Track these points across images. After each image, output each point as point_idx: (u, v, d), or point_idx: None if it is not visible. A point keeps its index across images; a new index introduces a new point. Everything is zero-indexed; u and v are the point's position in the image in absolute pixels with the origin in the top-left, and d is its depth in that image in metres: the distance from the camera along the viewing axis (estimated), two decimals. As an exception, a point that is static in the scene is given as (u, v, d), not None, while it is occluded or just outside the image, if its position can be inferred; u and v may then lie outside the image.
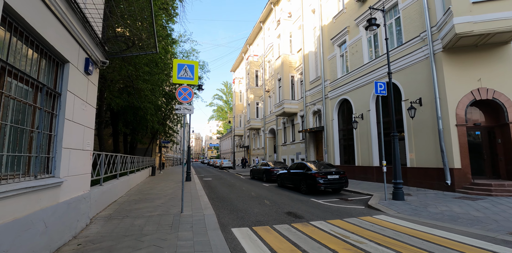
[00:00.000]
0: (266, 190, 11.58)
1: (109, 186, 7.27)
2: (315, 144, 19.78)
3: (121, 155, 9.40)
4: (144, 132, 20.14)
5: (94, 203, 5.84)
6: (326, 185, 9.81)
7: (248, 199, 9.15)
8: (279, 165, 16.06)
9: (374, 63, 13.81)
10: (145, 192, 10.01)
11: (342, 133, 16.93)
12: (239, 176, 20.76)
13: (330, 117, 17.48)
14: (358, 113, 14.72)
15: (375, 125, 13.80)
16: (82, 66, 4.93)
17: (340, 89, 16.54)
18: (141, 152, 27.12)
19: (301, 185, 10.61)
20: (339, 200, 9.01)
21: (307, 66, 20.72)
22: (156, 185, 12.85)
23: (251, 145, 36.34)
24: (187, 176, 14.91)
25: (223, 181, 16.20)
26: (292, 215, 6.69)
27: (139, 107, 15.31)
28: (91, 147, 5.46)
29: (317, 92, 19.23)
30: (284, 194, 10.44)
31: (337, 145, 16.92)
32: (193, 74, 6.66)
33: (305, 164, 10.86)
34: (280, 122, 26.27)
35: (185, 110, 6.51)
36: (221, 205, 8.02)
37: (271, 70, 29.71)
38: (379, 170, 13.20)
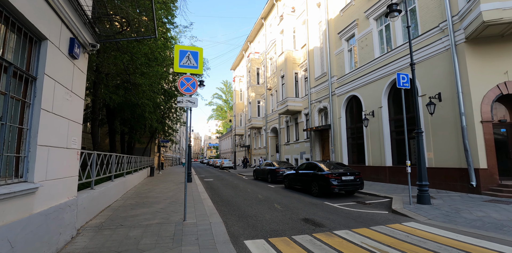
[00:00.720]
0: (273, 192, 10.77)
1: (102, 189, 6.43)
2: (320, 143, 18.98)
3: (116, 155, 8.57)
4: (142, 130, 19.29)
5: (83, 211, 5.00)
6: (341, 187, 9.00)
7: (256, 203, 8.34)
8: (284, 164, 15.25)
9: (386, 57, 13.01)
10: (143, 195, 9.18)
11: (350, 131, 16.14)
12: (241, 177, 19.95)
13: (337, 115, 16.69)
14: (369, 111, 13.93)
15: (387, 123, 13.01)
16: (66, 47, 4.09)
17: (348, 86, 15.74)
18: (139, 151, 26.26)
19: (312, 187, 9.80)
20: (356, 203, 8.21)
21: (312, 63, 19.91)
22: (155, 186, 12.02)
23: (252, 145, 35.52)
24: (188, 176, 14.09)
25: (226, 182, 15.38)
26: (310, 222, 5.88)
27: (136, 104, 14.46)
28: (78, 144, 4.63)
29: (323, 89, 18.42)
30: (293, 196, 9.63)
31: (345, 144, 16.13)
32: (197, 62, 5.84)
33: (316, 164, 10.05)
34: (282, 121, 25.46)
35: (188, 103, 5.68)
36: (227, 210, 7.19)
37: (273, 67, 28.90)
38: (393, 171, 12.42)
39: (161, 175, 20.61)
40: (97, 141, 9.77)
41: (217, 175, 21.80)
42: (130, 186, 10.81)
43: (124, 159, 10.15)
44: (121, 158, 9.64)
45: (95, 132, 9.90)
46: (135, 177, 12.35)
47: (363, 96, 14.51)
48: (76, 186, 4.69)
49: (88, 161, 5.84)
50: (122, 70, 9.98)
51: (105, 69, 9.90)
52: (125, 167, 10.18)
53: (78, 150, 4.67)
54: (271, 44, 28.81)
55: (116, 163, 8.65)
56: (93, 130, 9.89)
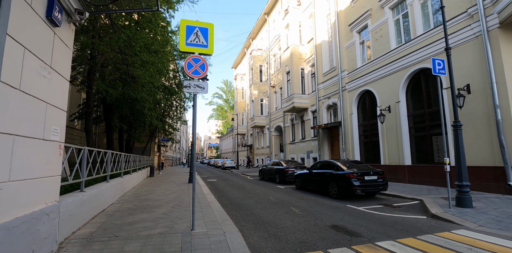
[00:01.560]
0: (285, 194, 9.82)
1: (94, 191, 5.48)
2: (329, 141, 18.05)
3: (112, 152, 7.62)
4: (141, 128, 18.35)
5: (68, 219, 4.05)
6: (363, 188, 8.07)
7: (270, 206, 7.39)
8: (293, 164, 14.30)
9: (404, 48, 12.09)
10: (142, 197, 8.22)
11: (362, 128, 15.21)
12: (245, 177, 19.00)
13: (348, 112, 15.75)
14: (384, 106, 13.00)
15: (405, 119, 12.08)
16: (43, 8, 3.15)
17: (360, 80, 14.81)
18: (138, 151, 25.31)
19: (330, 188, 8.86)
20: (383, 206, 7.27)
21: (320, 57, 18.98)
22: (156, 187, 11.06)
23: (255, 144, 34.57)
24: (190, 177, 13.14)
25: (231, 183, 14.43)
26: (342, 230, 4.94)
27: (135, 99, 13.52)
28: (61, 136, 3.69)
29: (332, 85, 17.49)
30: (309, 198, 8.69)
31: (356, 142, 15.19)
32: (207, 40, 4.90)
33: (334, 162, 9.11)
34: (287, 119, 24.53)
35: (197, 88, 4.74)
36: (240, 216, 6.24)
37: (276, 64, 27.98)
38: (412, 170, 11.48)
39: (161, 175, 19.66)
40: (91, 138, 8.82)
41: (220, 175, 20.85)
42: (128, 187, 9.86)
43: (122, 157, 9.20)
44: (118, 156, 8.70)
45: (89, 128, 8.94)
46: (133, 178, 11.40)
47: (378, 90, 13.58)
48: (58, 188, 3.75)
49: (76, 158, 4.90)
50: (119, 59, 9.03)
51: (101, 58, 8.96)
52: (122, 166, 9.24)
53: (61, 143, 3.73)
54: (275, 40, 27.88)
55: (112, 162, 7.70)
56: (87, 125, 8.94)
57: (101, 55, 9.36)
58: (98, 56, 8.85)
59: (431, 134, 11.06)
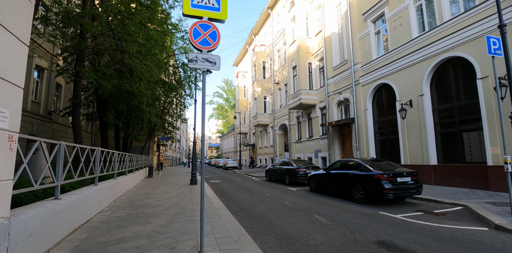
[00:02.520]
0: (300, 197, 8.67)
1: (74, 198, 4.33)
2: (340, 140, 16.90)
3: (102, 150, 6.48)
4: (139, 126, 17.20)
5: (28, 240, 2.90)
6: (396, 192, 6.91)
7: (289, 213, 6.24)
8: (303, 163, 13.13)
9: (428, 36, 10.95)
10: (138, 203, 7.07)
11: (378, 125, 14.06)
12: (250, 177, 17.84)
13: (362, 107, 14.60)
14: (405, 100, 11.85)
15: (430, 114, 10.94)
16: None
17: (376, 73, 13.66)
18: (136, 150, 24.18)
19: (354, 191, 7.70)
20: (423, 213, 6.12)
21: (329, 50, 17.83)
22: (154, 190, 9.91)
23: (258, 143, 33.42)
24: (192, 178, 11.98)
25: (236, 184, 13.27)
26: (395, 249, 3.78)
27: (132, 93, 12.37)
28: (10, 123, 2.54)
29: (343, 79, 16.34)
30: (331, 203, 7.54)
31: (372, 140, 14.04)
32: (219, 2, 3.75)
33: (359, 162, 7.94)
34: (293, 116, 23.38)
35: (206, 63, 3.58)
36: (257, 227, 5.08)
37: (281, 60, 26.83)
38: (439, 170, 10.34)
39: (160, 176, 18.51)
40: (79, 134, 7.65)
41: (222, 176, 19.70)
42: (122, 190, 8.70)
43: (115, 156, 8.04)
44: (111, 155, 7.54)
45: (77, 122, 7.76)
46: (129, 179, 10.24)
47: (397, 83, 12.43)
48: (8, 198, 2.59)
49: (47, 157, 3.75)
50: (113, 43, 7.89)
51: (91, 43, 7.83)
52: (116, 166, 8.07)
53: (12, 133, 2.57)
54: (279, 34, 26.73)
55: (102, 161, 6.54)
56: (74, 119, 7.75)
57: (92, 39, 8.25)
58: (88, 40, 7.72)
59: (461, 129, 9.92)
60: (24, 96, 13.60)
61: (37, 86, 14.63)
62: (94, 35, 8.03)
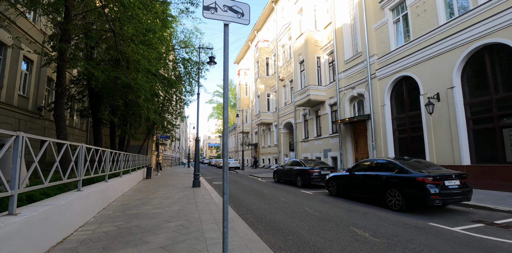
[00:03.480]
0: (322, 203, 7.48)
1: (40, 212, 3.12)
2: (353, 138, 15.72)
3: (87, 147, 5.27)
4: (137, 123, 15.97)
5: None
6: (444, 198, 5.74)
7: (319, 226, 5.05)
8: (316, 163, 11.93)
9: (459, 22, 9.79)
10: (132, 211, 5.86)
11: (397, 122, 12.89)
12: (255, 179, 16.65)
13: (379, 103, 13.44)
14: (432, 93, 10.69)
15: (461, 108, 9.77)
16: None
17: (396, 65, 12.50)
18: (134, 149, 22.97)
19: (388, 196, 6.52)
20: (484, 225, 4.94)
21: (340, 43, 16.66)
22: (153, 194, 8.69)
23: (260, 143, 32.22)
24: (195, 180, 10.78)
25: (243, 186, 12.07)
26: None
27: (128, 86, 11.18)
28: None
29: (356, 73, 15.18)
30: (363, 211, 6.35)
31: (390, 138, 12.86)
32: None
33: (394, 162, 6.76)
34: (299, 114, 22.20)
35: (229, 12, 2.38)
36: (287, 248, 3.88)
37: (286, 55, 25.68)
38: (474, 171, 9.16)
39: (159, 177, 17.29)
40: (63, 128, 6.42)
41: (226, 177, 18.47)
42: (115, 194, 7.49)
43: (107, 155, 6.83)
44: (100, 153, 6.33)
45: (61, 114, 6.52)
46: (124, 181, 9.03)
47: (421, 75, 11.27)
48: None
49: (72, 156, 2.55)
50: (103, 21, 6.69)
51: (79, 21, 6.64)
52: (108, 167, 6.86)
53: None
54: (284, 29, 25.58)
55: (89, 161, 5.33)
56: (57, 110, 6.51)
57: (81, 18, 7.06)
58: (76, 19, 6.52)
59: (501, 125, 8.75)
60: (9, 90, 12.39)
61: (25, 79, 13.42)
62: (81, 13, 6.86)
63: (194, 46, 22.72)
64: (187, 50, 22.80)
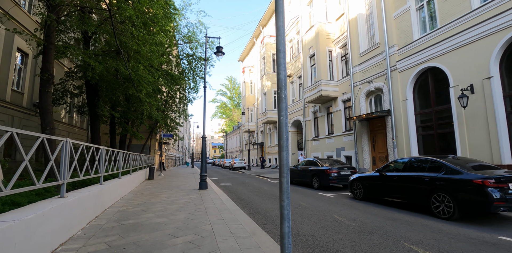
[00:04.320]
0: (350, 209, 6.45)
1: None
2: (370, 136, 14.65)
3: (73, 143, 4.30)
4: (138, 121, 15.04)
5: None
6: (510, 205, 4.69)
7: (363, 241, 4.02)
8: (334, 163, 10.88)
9: (497, 4, 8.70)
10: (130, 220, 4.88)
11: (421, 118, 11.81)
12: (264, 179, 15.66)
13: (400, 97, 12.36)
14: (464, 85, 9.61)
15: (501, 101, 8.68)
16: None
17: (420, 55, 11.42)
18: (137, 148, 22.09)
19: (435, 202, 5.48)
20: None
21: (355, 35, 15.59)
22: (155, 198, 7.72)
23: (266, 142, 31.19)
24: (202, 181, 9.78)
25: (253, 188, 11.08)
26: None
27: (128, 78, 10.24)
28: None
29: (373, 66, 14.10)
30: (406, 220, 5.31)
31: (413, 135, 11.78)
32: None
33: (440, 161, 5.71)
34: (308, 111, 21.14)
35: None
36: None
37: (294, 50, 24.65)
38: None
39: (163, 177, 16.34)
40: (49, 122, 5.43)
41: (233, 178, 17.51)
42: (112, 199, 6.52)
43: (102, 153, 5.86)
44: (94, 150, 5.35)
45: (46, 105, 5.51)
46: (124, 183, 8.07)
47: (451, 66, 10.18)
48: None
49: None
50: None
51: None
52: (103, 167, 5.89)
53: None
54: (292, 23, 24.54)
55: (76, 161, 4.36)
56: (42, 101, 5.51)
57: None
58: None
59: (552, 120, 7.67)
60: (1, 84, 11.51)
61: (19, 73, 12.54)
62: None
63: (199, 41, 21.80)
64: (191, 46, 21.87)
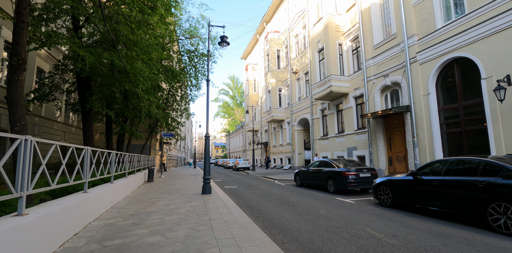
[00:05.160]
0: (384, 220, 5.42)
1: None
2: (385, 134, 13.59)
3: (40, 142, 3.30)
4: (137, 119, 14.08)
5: None
6: None
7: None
8: (346, 164, 9.83)
9: (541, -18, 7.63)
10: (116, 240, 3.88)
11: (444, 114, 10.75)
12: (271, 181, 14.65)
13: (421, 91, 11.30)
14: (499, 76, 8.54)
15: (546, 93, 7.62)
16: None
17: (445, 45, 10.35)
18: (136, 149, 21.17)
19: (493, 214, 4.44)
20: None
21: (368, 26, 14.54)
22: (152, 206, 6.72)
23: (271, 141, 30.16)
24: (205, 185, 8.77)
25: (262, 192, 10.07)
26: None
27: (123, 70, 9.26)
28: None
29: (389, 58, 13.04)
30: (461, 236, 4.28)
31: (437, 133, 10.72)
32: None
33: (501, 165, 4.59)
34: (316, 109, 20.10)
35: None
36: None
37: (300, 46, 23.62)
38: None
39: (163, 179, 15.37)
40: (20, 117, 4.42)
41: (237, 179, 16.50)
42: (99, 208, 5.53)
43: (86, 155, 4.86)
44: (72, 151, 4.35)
45: (15, 97, 4.47)
46: (116, 189, 7.08)
47: (482, 55, 9.10)
48: None
49: None
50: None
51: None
52: (87, 172, 4.90)
53: None
54: (298, 17, 23.51)
55: (44, 165, 3.37)
56: (11, 90, 4.47)
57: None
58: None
59: None
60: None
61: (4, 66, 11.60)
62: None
63: (201, 37, 20.82)
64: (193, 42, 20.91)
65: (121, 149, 14.06)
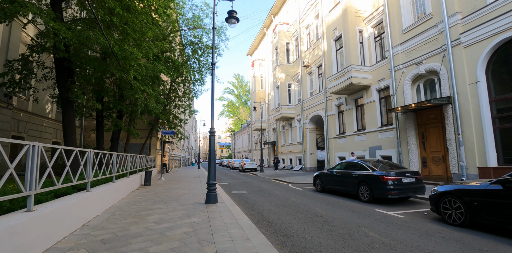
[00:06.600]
0: (472, 250, 3.67)
1: None
2: (417, 131, 11.76)
3: None
4: (133, 114, 12.46)
5: None
6: None
7: None
8: (381, 166, 8.04)
9: None
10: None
11: (496, 106, 8.91)
12: (284, 184, 12.92)
13: (467, 80, 9.46)
14: None
15: None
16: None
17: (497, 23, 8.53)
18: (135, 148, 19.61)
19: None
20: None
21: (394, 8, 12.72)
22: (139, 222, 5.04)
23: (279, 141, 28.41)
24: (210, 192, 7.06)
25: (278, 200, 8.33)
26: None
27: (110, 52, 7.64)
28: None
29: (423, 43, 11.22)
30: None
31: (488, 129, 8.87)
32: None
33: None
34: (331, 105, 18.32)
35: None
36: None
37: (311, 37, 21.87)
38: None
39: (162, 182, 13.72)
40: None
41: (246, 182, 14.79)
42: (57, 232, 3.87)
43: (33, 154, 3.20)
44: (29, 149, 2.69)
45: None
46: (94, 199, 5.41)
47: (556, 30, 7.27)
48: None
49: None
50: None
51: None
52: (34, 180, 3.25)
53: None
54: (310, 6, 21.76)
55: None
56: None
57: None
58: None
59: None
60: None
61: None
62: None
63: (205, 28, 19.21)
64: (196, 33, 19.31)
65: (116, 147, 12.46)
